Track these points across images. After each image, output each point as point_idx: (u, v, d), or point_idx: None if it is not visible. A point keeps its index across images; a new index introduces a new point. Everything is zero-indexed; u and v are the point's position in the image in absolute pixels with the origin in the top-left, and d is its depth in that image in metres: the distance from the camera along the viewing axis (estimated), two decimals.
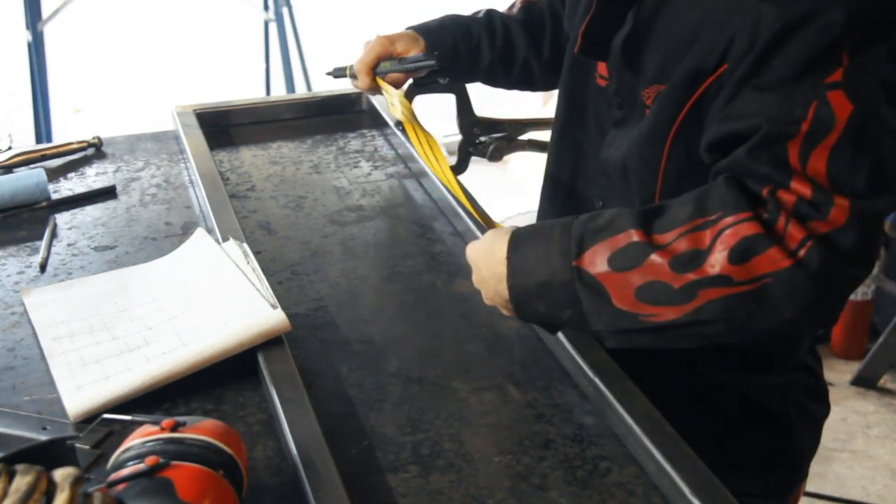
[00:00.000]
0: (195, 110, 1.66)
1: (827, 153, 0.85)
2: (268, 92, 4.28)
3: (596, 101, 1.20)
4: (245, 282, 1.08)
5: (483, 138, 1.58)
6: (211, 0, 6.84)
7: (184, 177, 1.51)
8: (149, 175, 1.51)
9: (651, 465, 0.89)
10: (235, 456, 0.75)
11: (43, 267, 1.22)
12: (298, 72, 4.05)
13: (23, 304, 1.12)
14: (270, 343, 1.00)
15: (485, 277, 1.00)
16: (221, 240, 1.21)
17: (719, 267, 0.85)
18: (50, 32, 3.41)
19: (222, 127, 1.70)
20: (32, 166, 1.49)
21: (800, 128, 0.86)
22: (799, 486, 1.25)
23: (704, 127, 0.98)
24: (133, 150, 1.61)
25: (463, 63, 1.40)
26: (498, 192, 1.18)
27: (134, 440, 0.74)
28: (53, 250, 1.26)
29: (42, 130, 3.41)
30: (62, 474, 0.65)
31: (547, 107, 4.06)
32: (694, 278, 0.86)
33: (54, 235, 1.30)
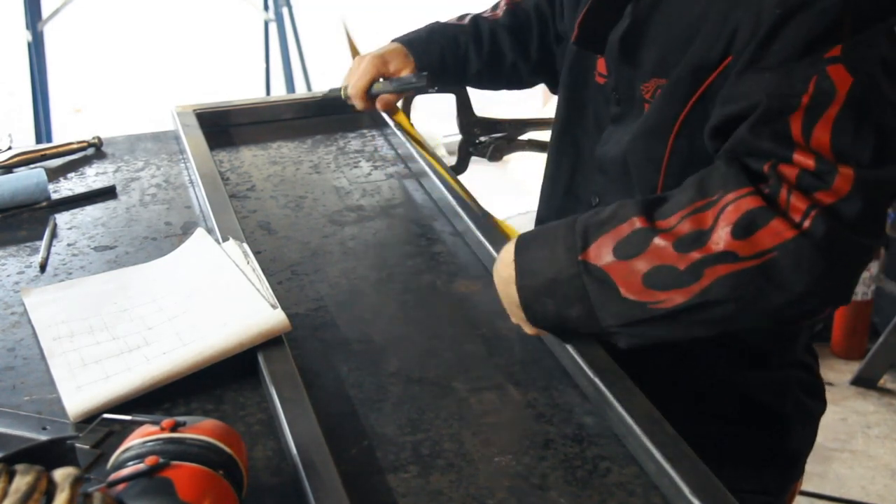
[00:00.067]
0: (195, 110, 1.66)
1: (830, 125, 0.85)
2: (268, 92, 4.28)
3: (595, 100, 1.20)
4: (245, 282, 1.08)
5: (483, 138, 1.58)
6: (211, 0, 6.84)
7: (184, 177, 1.51)
8: (149, 175, 1.51)
9: (651, 465, 0.89)
10: (235, 456, 0.75)
11: (43, 267, 1.22)
12: (298, 72, 4.05)
13: (23, 304, 1.12)
14: (270, 343, 1.00)
15: (499, 287, 1.01)
16: (221, 240, 1.21)
17: (723, 243, 0.84)
18: (50, 32, 3.41)
19: (222, 127, 1.70)
20: (32, 166, 1.49)
21: (800, 101, 0.86)
22: (796, 483, 1.25)
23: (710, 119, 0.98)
24: (133, 150, 1.61)
25: (451, 73, 1.41)
26: (498, 192, 1.18)
27: (134, 440, 0.74)
28: (53, 250, 1.26)
29: (42, 130, 3.41)
30: (62, 474, 0.65)
31: (547, 107, 4.06)
32: (698, 257, 0.85)
33: (54, 235, 1.30)
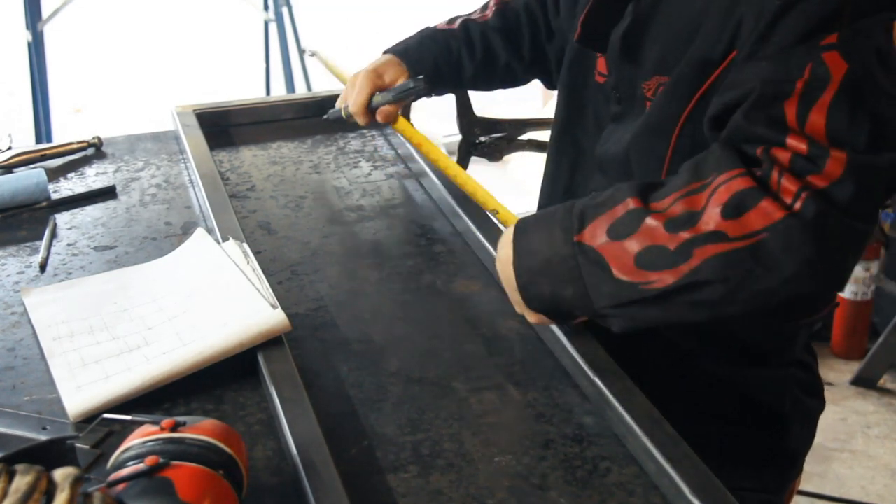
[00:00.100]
0: (195, 110, 1.66)
1: (825, 110, 0.85)
2: (268, 92, 4.28)
3: (595, 99, 1.20)
4: (245, 282, 1.08)
5: (483, 138, 1.58)
6: (211, 0, 6.85)
7: (184, 177, 1.51)
8: (149, 175, 1.51)
9: (651, 465, 0.89)
10: (235, 456, 0.75)
11: (43, 267, 1.22)
12: (298, 72, 4.06)
13: (23, 304, 1.12)
14: (270, 343, 1.00)
15: (499, 268, 1.01)
16: (221, 240, 1.21)
17: (713, 223, 0.84)
18: (50, 32, 3.41)
19: (222, 127, 1.70)
20: (32, 166, 1.49)
21: (794, 87, 0.86)
22: (795, 481, 1.26)
23: None
24: (133, 150, 1.61)
25: (446, 79, 1.41)
26: (498, 192, 1.18)
27: (134, 440, 0.74)
28: (53, 250, 1.26)
29: (42, 130, 3.41)
30: (62, 474, 0.65)
31: (547, 107, 4.07)
32: (688, 237, 0.85)
33: (54, 235, 1.30)
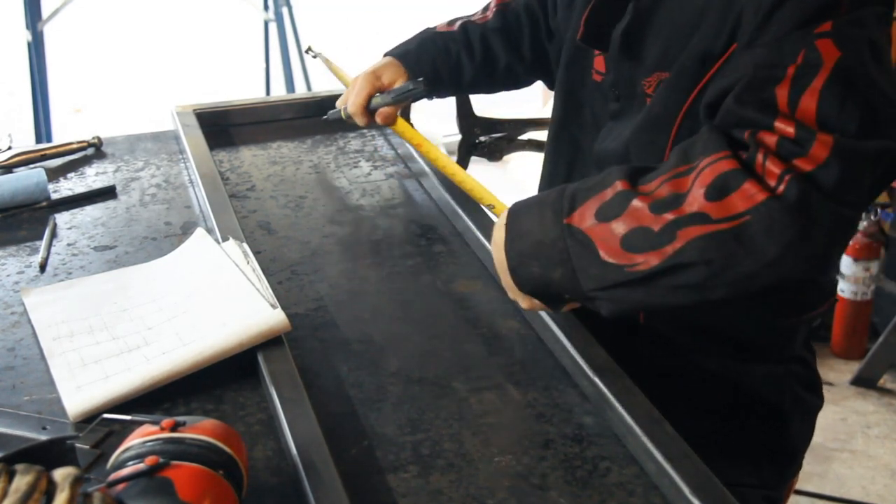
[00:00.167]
0: (195, 110, 1.66)
1: (817, 95, 0.85)
2: (268, 92, 4.29)
3: (592, 98, 1.20)
4: (245, 282, 1.08)
5: (483, 138, 1.58)
6: (211, 0, 6.85)
7: (184, 177, 1.51)
8: (149, 175, 1.51)
9: (651, 465, 0.89)
10: (235, 456, 0.75)
11: (43, 267, 1.22)
12: (298, 72, 4.06)
13: (23, 304, 1.12)
14: (270, 343, 1.00)
15: (493, 251, 1.01)
16: (221, 240, 1.21)
17: (697, 205, 0.84)
18: (50, 32, 3.41)
19: (222, 127, 1.70)
20: (32, 166, 1.49)
21: (786, 72, 0.87)
22: (794, 478, 1.26)
23: None
24: (133, 150, 1.61)
25: (446, 82, 1.41)
26: (498, 192, 1.18)
27: (134, 440, 0.74)
28: (53, 250, 1.26)
29: (42, 130, 3.41)
30: (62, 474, 0.65)
31: (547, 106, 4.06)
32: (672, 218, 0.85)
33: (54, 235, 1.30)
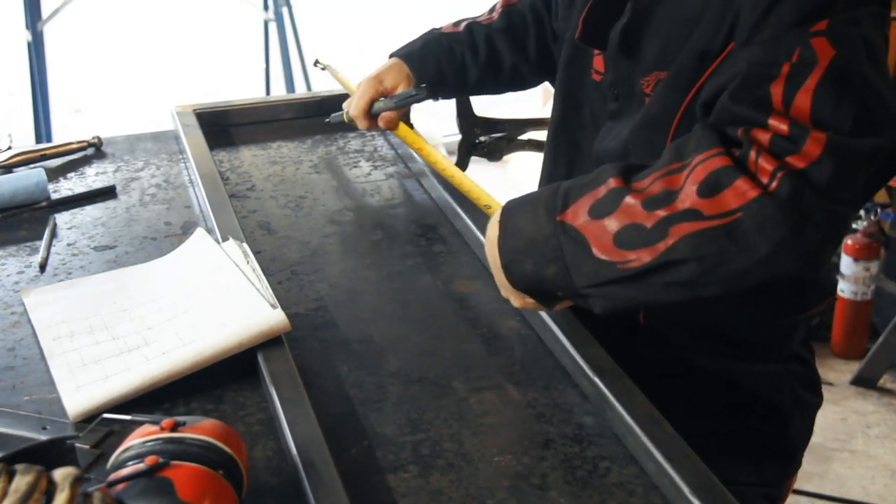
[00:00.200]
0: (195, 110, 1.66)
1: (811, 92, 0.85)
2: (268, 92, 4.29)
3: (591, 97, 1.20)
4: (245, 282, 1.08)
5: (483, 138, 1.58)
6: (211, 0, 6.85)
7: (184, 177, 1.51)
8: (149, 175, 1.51)
9: (651, 465, 0.89)
10: (235, 456, 0.75)
11: (43, 267, 1.22)
12: (298, 72, 4.06)
13: (23, 304, 1.12)
14: (270, 343, 1.00)
15: (486, 249, 1.01)
16: (221, 240, 1.21)
17: (689, 201, 0.84)
18: (50, 32, 3.42)
19: (222, 127, 1.70)
20: (32, 166, 1.49)
21: (781, 69, 0.87)
22: (793, 476, 1.26)
23: None
24: (133, 150, 1.61)
25: (451, 84, 1.41)
26: (498, 192, 1.18)
27: (134, 440, 0.74)
28: (53, 250, 1.26)
29: (42, 130, 3.42)
30: (62, 474, 0.65)
31: (547, 106, 4.06)
32: (664, 214, 0.85)
33: (54, 235, 1.30)
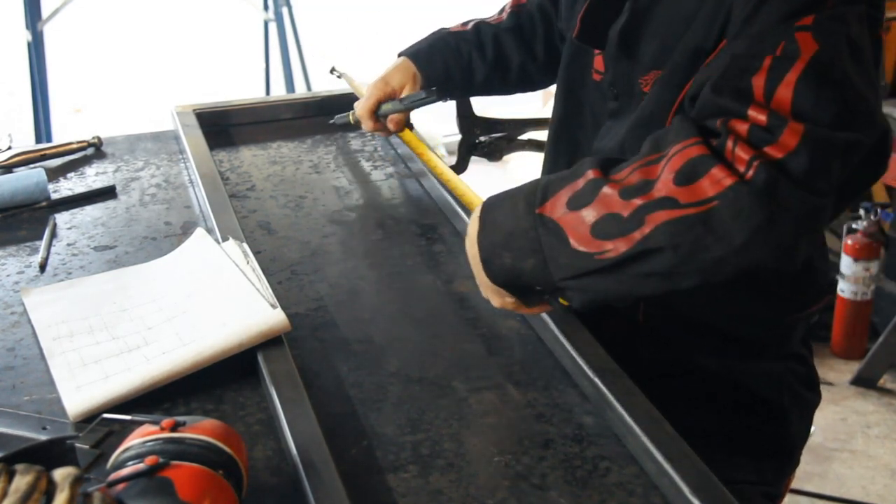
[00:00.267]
0: (195, 110, 1.66)
1: (793, 85, 0.85)
2: (268, 92, 4.29)
3: (592, 97, 1.21)
4: (245, 282, 1.08)
5: (483, 138, 1.58)
6: (211, 0, 6.85)
7: (184, 177, 1.51)
8: (149, 175, 1.51)
9: (651, 465, 0.89)
10: (235, 456, 0.75)
11: (43, 267, 1.22)
12: (298, 72, 4.06)
13: (22, 304, 1.12)
14: (270, 343, 1.00)
15: (467, 246, 1.01)
16: (221, 240, 1.21)
17: (665, 190, 0.85)
18: (50, 32, 3.41)
19: (222, 127, 1.70)
20: (32, 166, 1.49)
21: (762, 63, 0.87)
22: (791, 474, 1.26)
23: None
24: (133, 150, 1.61)
25: (458, 83, 1.41)
26: (498, 192, 1.19)
27: (134, 440, 0.74)
28: (53, 250, 1.26)
29: (42, 130, 3.42)
30: (62, 474, 0.65)
31: (547, 106, 4.06)
32: (641, 203, 0.86)
33: (54, 235, 1.30)
